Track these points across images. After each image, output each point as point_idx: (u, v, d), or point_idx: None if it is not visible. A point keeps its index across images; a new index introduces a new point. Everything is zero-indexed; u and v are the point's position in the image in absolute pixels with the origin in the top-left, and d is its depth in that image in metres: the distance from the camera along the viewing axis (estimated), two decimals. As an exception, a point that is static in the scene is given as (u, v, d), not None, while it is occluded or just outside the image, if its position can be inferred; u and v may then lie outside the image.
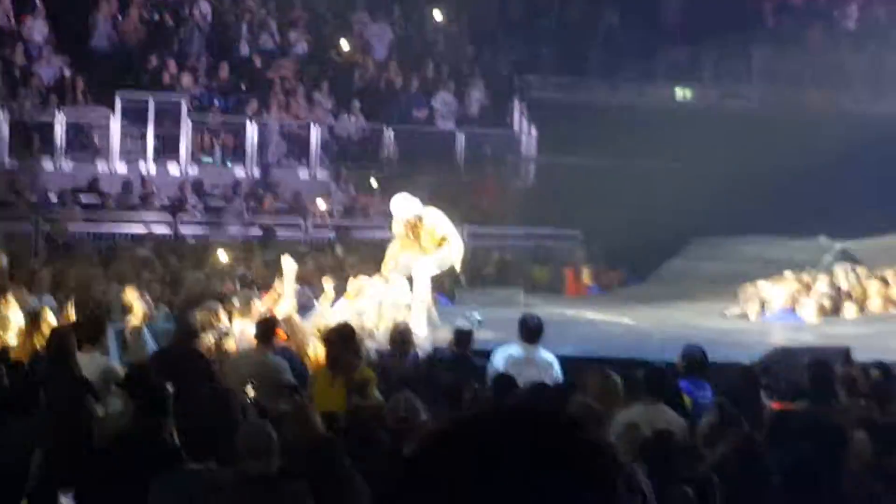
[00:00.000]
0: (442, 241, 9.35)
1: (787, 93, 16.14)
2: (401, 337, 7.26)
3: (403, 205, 9.59)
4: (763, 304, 11.58)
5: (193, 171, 14.90)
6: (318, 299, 8.92)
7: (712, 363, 6.76)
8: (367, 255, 11.50)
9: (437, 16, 17.30)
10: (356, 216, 14.69)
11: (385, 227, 11.97)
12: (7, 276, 9.09)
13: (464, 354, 7.32)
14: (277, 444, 4.26)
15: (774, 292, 11.56)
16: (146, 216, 13.77)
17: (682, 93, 17.06)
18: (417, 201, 9.56)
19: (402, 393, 5.34)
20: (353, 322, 7.21)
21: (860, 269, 12.35)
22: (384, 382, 6.12)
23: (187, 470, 4.22)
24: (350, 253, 12.52)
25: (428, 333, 8.87)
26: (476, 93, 16.67)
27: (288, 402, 5.10)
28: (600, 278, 14.06)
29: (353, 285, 8.92)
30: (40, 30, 15.00)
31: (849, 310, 11.41)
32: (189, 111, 14.78)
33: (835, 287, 11.74)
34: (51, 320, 7.04)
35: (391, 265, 9.43)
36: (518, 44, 17.18)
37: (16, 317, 7.56)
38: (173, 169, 14.89)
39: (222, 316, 7.44)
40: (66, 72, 14.84)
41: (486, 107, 16.66)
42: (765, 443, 5.33)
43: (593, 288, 13.90)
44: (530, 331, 7.19)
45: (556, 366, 7.10)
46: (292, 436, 4.34)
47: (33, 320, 7.05)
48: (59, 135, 14.29)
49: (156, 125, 14.64)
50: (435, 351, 7.83)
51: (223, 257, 11.53)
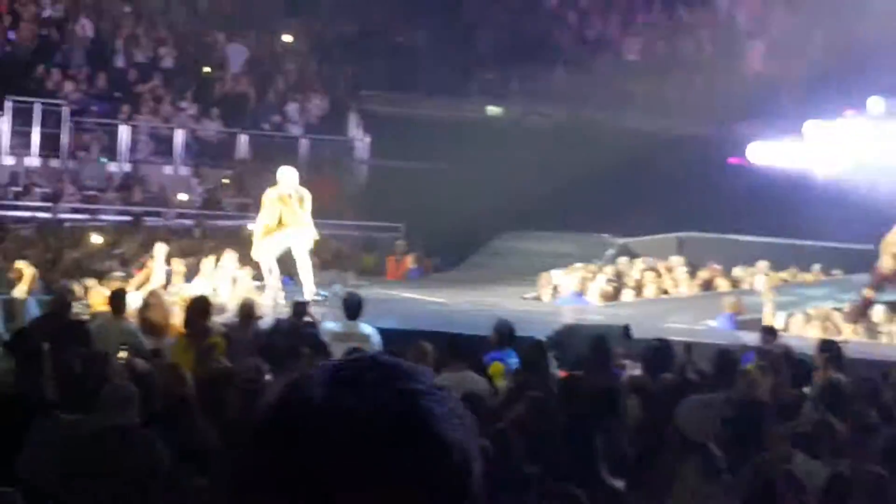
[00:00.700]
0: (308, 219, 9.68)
1: (580, 111, 17.12)
2: (247, 310, 7.63)
3: (294, 176, 9.79)
4: (556, 289, 12.59)
5: (72, 165, 16.23)
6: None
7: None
8: (222, 240, 12.59)
9: (286, 38, 18.84)
10: (213, 207, 16.07)
11: (238, 218, 14.03)
12: None
13: (299, 324, 7.70)
14: (138, 398, 4.66)
15: (565, 280, 12.55)
16: (30, 203, 15.08)
17: (492, 109, 18.12)
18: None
19: (250, 358, 5.66)
20: (208, 296, 7.68)
21: (637, 261, 13.60)
22: (232, 349, 6.38)
23: (59, 419, 4.50)
24: (207, 238, 13.60)
25: (276, 304, 9.35)
26: (318, 104, 17.97)
27: (153, 363, 5.50)
28: (419, 265, 14.89)
29: (207, 265, 9.33)
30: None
31: (627, 295, 12.49)
32: (70, 114, 16.08)
33: (616, 276, 12.91)
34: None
35: (270, 237, 9.59)
36: (353, 62, 18.26)
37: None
38: (54, 163, 16.24)
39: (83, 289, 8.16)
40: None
41: (326, 116, 17.97)
42: (554, 404, 5.51)
43: (413, 272, 14.61)
44: (350, 307, 7.57)
45: (375, 338, 7.31)
46: (163, 391, 4.79)
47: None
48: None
49: (41, 125, 15.99)
50: (277, 321, 8.13)
51: (97, 240, 12.72)
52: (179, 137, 16.87)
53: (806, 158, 15.86)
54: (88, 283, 8.60)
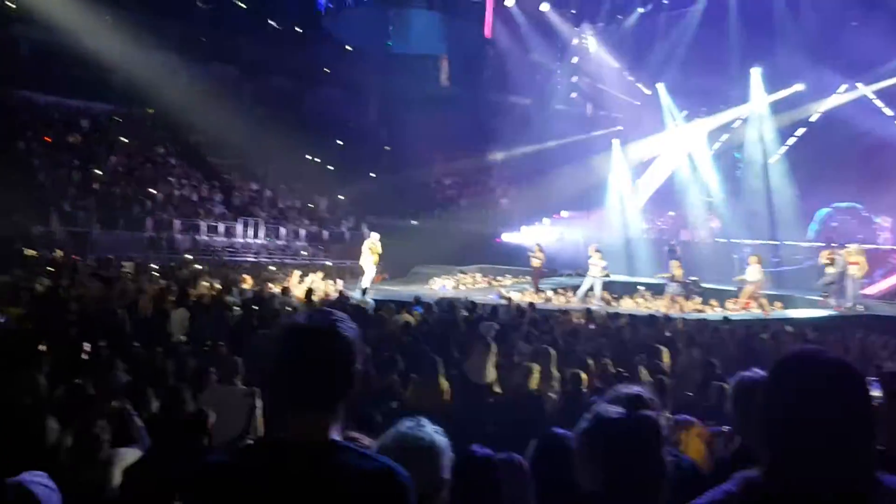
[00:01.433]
0: None
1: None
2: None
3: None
4: (437, 285, 25.31)
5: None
6: None
7: None
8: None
9: None
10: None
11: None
12: None
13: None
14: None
15: (441, 281, 24.66)
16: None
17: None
18: None
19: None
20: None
21: (463, 274, 26.72)
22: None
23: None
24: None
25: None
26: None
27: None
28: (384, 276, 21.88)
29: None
30: None
31: (462, 287, 25.70)
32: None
33: (456, 280, 25.99)
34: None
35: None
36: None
37: None
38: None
39: None
40: None
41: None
42: (425, 329, 17.12)
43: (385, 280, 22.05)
44: (364, 293, 14.81)
45: (372, 302, 13.06)
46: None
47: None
48: None
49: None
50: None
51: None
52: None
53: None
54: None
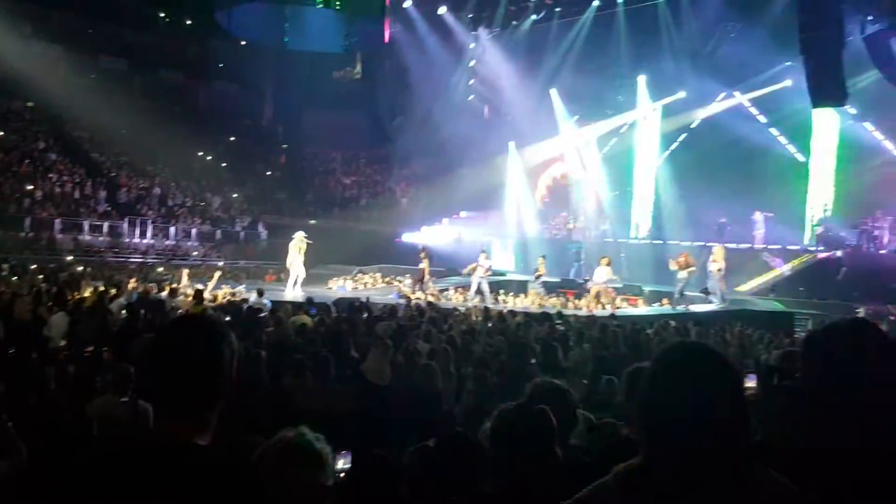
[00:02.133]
0: None
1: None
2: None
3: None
4: (336, 285, 25.10)
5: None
6: None
7: None
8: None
9: None
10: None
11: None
12: None
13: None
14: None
15: (339, 281, 25.07)
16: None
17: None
18: None
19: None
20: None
21: (362, 275, 26.78)
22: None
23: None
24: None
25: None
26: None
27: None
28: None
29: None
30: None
31: (360, 287, 25.63)
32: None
33: (354, 280, 25.94)
34: None
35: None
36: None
37: None
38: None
39: None
40: None
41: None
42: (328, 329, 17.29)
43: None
44: (261, 294, 14.38)
45: (269, 304, 13.17)
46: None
47: None
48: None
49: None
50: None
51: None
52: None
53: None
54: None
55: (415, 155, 33.05)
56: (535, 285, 19.47)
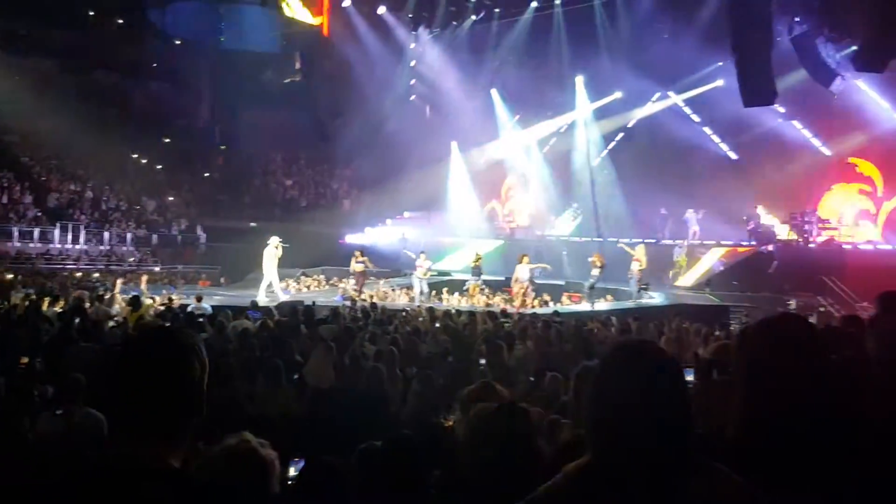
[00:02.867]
0: None
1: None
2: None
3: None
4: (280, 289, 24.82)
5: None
6: None
7: None
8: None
9: None
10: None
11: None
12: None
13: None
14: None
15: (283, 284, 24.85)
16: None
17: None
18: None
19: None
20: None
21: (306, 277, 26.48)
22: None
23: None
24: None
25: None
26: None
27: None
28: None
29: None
30: None
31: (303, 290, 25.40)
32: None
33: (298, 283, 25.61)
34: None
35: None
36: None
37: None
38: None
39: None
40: None
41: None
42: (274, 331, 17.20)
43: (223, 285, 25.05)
44: (200, 299, 17.25)
45: (209, 309, 15.47)
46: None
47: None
48: None
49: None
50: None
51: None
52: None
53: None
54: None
55: (356, 155, 32.87)
56: (474, 280, 19.65)
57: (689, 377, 4.35)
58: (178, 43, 34.72)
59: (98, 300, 14.01)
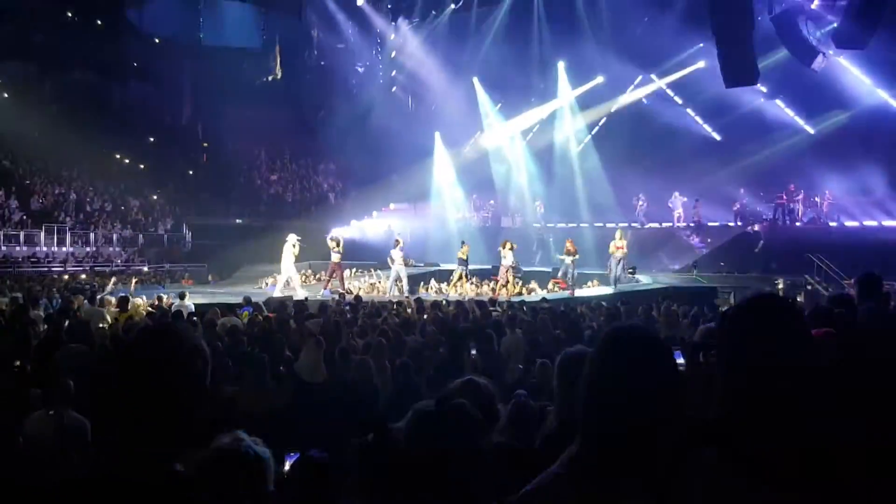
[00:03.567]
0: None
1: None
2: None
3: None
4: (266, 284, 24.71)
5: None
6: None
7: None
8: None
9: None
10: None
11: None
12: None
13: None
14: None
15: (269, 280, 24.75)
16: None
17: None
18: None
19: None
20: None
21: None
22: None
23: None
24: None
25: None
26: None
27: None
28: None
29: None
30: None
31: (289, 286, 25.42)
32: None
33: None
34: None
35: None
36: None
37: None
38: None
39: None
40: None
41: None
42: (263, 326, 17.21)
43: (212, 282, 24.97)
44: (182, 297, 17.58)
45: (192, 307, 16.32)
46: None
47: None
48: None
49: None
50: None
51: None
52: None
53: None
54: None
55: (340, 148, 32.75)
56: (461, 269, 19.56)
57: (680, 360, 4.40)
58: (156, 41, 34.43)
59: (89, 301, 13.92)
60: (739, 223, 23.53)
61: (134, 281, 18.29)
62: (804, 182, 23.36)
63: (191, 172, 35.30)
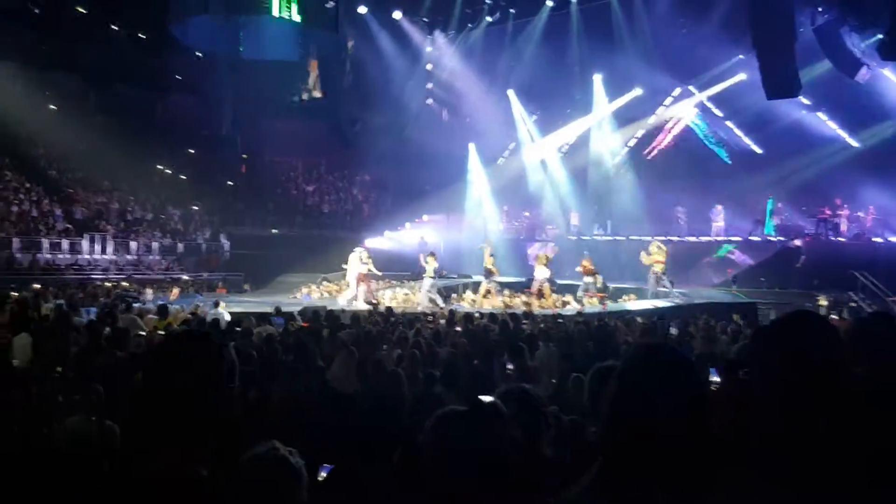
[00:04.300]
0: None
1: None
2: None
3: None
4: (302, 294, 24.91)
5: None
6: None
7: None
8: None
9: None
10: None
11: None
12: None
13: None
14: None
15: (305, 290, 24.93)
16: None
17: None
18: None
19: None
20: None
21: (325, 283, 26.61)
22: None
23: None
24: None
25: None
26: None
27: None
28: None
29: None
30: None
31: (325, 295, 25.56)
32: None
33: (320, 288, 25.76)
34: None
35: None
36: None
37: None
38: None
39: None
40: None
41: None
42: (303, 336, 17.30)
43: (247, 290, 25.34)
44: (216, 305, 17.94)
45: (227, 315, 14.49)
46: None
47: None
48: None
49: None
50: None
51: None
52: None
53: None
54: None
55: (375, 160, 32.98)
56: (486, 281, 19.48)
57: (716, 377, 4.31)
58: (198, 55, 35.08)
59: (128, 309, 14.16)
60: (780, 237, 23.10)
61: (176, 292, 18.56)
62: (846, 196, 22.86)
63: (229, 183, 35.83)
